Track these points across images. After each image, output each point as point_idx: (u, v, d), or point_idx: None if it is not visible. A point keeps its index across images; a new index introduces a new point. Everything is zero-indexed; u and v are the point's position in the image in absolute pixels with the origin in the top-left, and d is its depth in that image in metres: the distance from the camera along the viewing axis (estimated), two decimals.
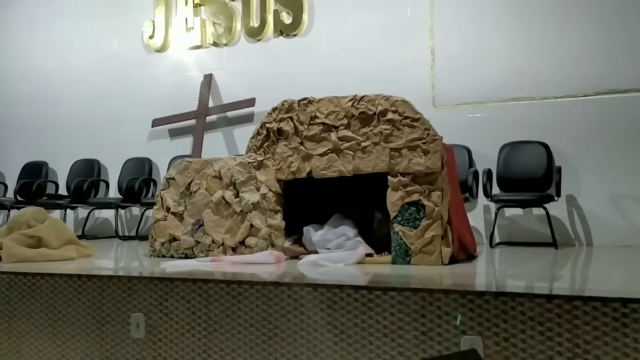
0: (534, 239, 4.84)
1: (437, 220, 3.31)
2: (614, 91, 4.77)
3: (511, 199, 4.75)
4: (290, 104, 3.79)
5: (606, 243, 4.70)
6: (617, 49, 4.78)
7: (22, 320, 2.99)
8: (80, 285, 2.90)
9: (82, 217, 6.50)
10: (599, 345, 2.04)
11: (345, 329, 2.40)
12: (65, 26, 6.90)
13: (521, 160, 4.90)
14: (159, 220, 4.04)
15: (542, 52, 5.00)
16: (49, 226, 3.82)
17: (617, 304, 2.03)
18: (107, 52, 6.69)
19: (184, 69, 6.40)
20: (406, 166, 3.40)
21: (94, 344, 2.83)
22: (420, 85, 5.31)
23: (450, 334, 2.23)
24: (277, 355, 2.50)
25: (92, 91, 6.71)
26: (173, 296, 2.71)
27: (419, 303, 2.29)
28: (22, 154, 6.87)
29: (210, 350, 2.62)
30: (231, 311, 2.60)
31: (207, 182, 3.92)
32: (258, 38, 6.09)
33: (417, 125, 3.41)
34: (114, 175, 6.44)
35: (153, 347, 2.72)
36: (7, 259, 3.51)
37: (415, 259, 3.32)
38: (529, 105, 5.03)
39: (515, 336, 2.15)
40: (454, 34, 5.31)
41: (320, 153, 3.66)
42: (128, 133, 6.51)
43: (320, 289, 2.46)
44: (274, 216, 3.70)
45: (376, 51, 5.53)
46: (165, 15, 6.47)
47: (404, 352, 2.30)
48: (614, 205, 4.73)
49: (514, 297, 2.16)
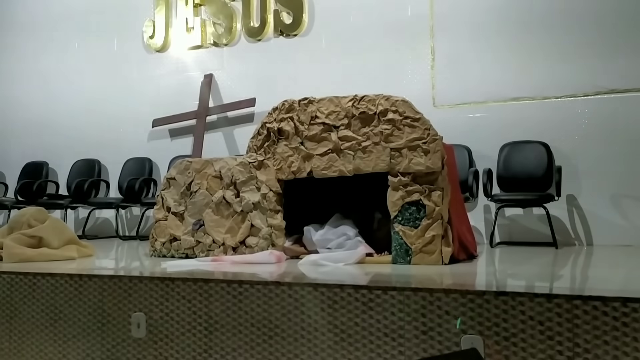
0: (534, 238, 4.84)
1: (437, 220, 3.32)
2: (614, 91, 4.78)
3: (511, 199, 4.75)
4: (290, 104, 3.79)
5: (606, 243, 4.70)
6: (616, 48, 4.79)
7: (23, 320, 2.99)
8: (81, 285, 2.90)
9: (83, 217, 6.51)
10: (599, 345, 2.05)
11: (346, 328, 2.41)
12: (65, 26, 6.90)
13: (521, 160, 4.90)
14: (160, 220, 4.05)
15: (542, 52, 5.00)
16: (50, 226, 3.83)
17: (617, 303, 2.04)
18: (108, 52, 6.70)
19: (184, 69, 6.40)
20: (406, 166, 3.40)
21: (95, 343, 2.83)
22: (420, 85, 5.32)
23: (450, 334, 2.24)
24: (278, 354, 2.51)
25: (93, 91, 6.72)
26: (174, 296, 2.72)
27: (419, 302, 2.30)
28: (23, 153, 6.88)
29: (211, 349, 2.63)
30: (232, 311, 2.60)
31: (208, 182, 3.93)
32: (258, 38, 6.10)
33: (418, 125, 3.42)
34: (114, 175, 6.45)
35: (154, 347, 2.73)
36: (8, 259, 3.51)
37: (416, 258, 3.33)
38: (529, 105, 5.03)
39: (515, 335, 2.15)
40: (454, 33, 5.31)
41: (320, 153, 3.66)
42: (128, 133, 6.52)
43: (320, 288, 2.47)
44: (275, 216, 3.70)
45: (376, 51, 5.53)
46: (166, 16, 6.47)
47: (404, 352, 2.31)
48: (614, 205, 4.73)
49: (515, 297, 2.17)
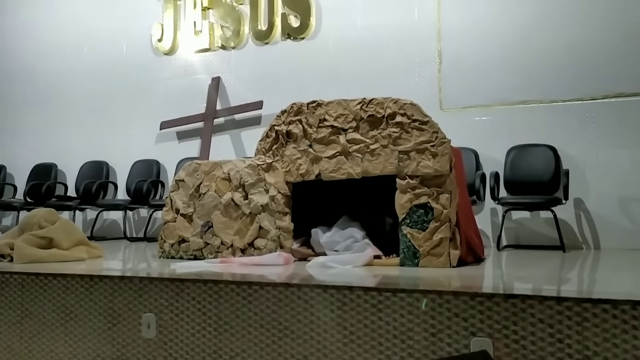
0: (541, 242, 4.84)
1: (445, 223, 3.33)
2: (622, 94, 4.77)
3: (518, 202, 4.75)
4: (299, 106, 3.81)
5: (614, 246, 4.69)
6: (625, 51, 4.79)
7: (35, 320, 3.02)
8: (91, 285, 2.92)
9: (91, 218, 6.55)
10: (608, 348, 2.05)
11: (355, 330, 2.42)
12: (74, 29, 6.95)
13: (529, 163, 4.90)
14: (169, 222, 4.07)
15: (549, 55, 5.00)
16: (60, 227, 3.86)
17: (627, 306, 2.04)
18: (116, 55, 6.74)
19: (192, 71, 6.43)
20: (415, 169, 3.41)
21: (106, 343, 2.86)
22: (427, 88, 5.33)
23: (460, 336, 2.25)
24: (287, 355, 2.52)
25: (101, 93, 6.76)
26: (184, 297, 2.73)
27: (428, 304, 2.31)
28: (32, 155, 6.92)
29: (220, 350, 2.65)
30: (241, 312, 2.62)
31: (217, 184, 3.95)
32: (266, 41, 6.12)
33: (426, 128, 3.43)
34: (122, 177, 6.48)
35: (164, 348, 2.75)
36: (19, 260, 3.54)
37: (424, 261, 3.34)
38: (536, 108, 5.03)
39: (525, 338, 2.16)
40: (461, 36, 5.33)
41: (329, 155, 3.68)
42: (136, 135, 6.56)
43: (330, 290, 2.48)
44: (283, 218, 3.72)
45: (383, 54, 5.55)
46: (174, 19, 6.51)
47: (413, 354, 2.32)
48: (621, 208, 4.72)
49: (524, 299, 2.17)
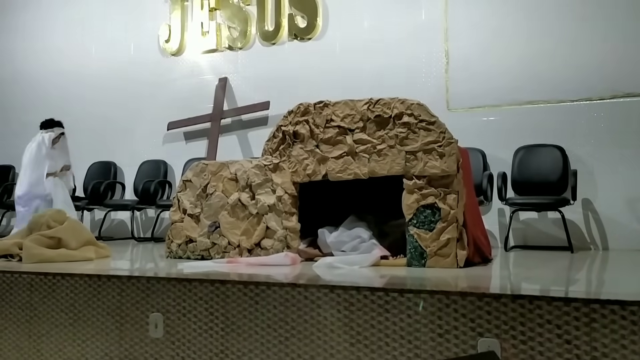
0: (549, 242, 4.82)
1: (452, 223, 3.32)
2: (630, 94, 4.74)
3: (526, 203, 4.74)
4: (306, 107, 3.81)
5: (622, 247, 4.66)
6: (633, 52, 4.76)
7: (43, 319, 3.04)
8: (100, 285, 2.94)
9: (99, 218, 6.58)
10: (617, 349, 2.04)
11: (362, 330, 2.42)
12: (82, 31, 6.99)
13: (536, 163, 4.88)
14: (176, 222, 4.08)
15: (557, 55, 4.98)
16: (68, 227, 3.89)
17: (635, 307, 2.03)
18: (124, 56, 6.77)
19: (199, 72, 6.45)
20: (422, 169, 3.41)
21: (113, 343, 2.87)
22: (434, 88, 5.32)
23: (467, 336, 2.24)
24: (294, 355, 2.52)
25: (109, 94, 6.79)
26: (191, 297, 2.74)
27: (435, 305, 2.30)
28: None
29: (227, 350, 2.65)
30: (248, 312, 2.63)
31: (224, 184, 3.96)
32: (273, 42, 6.13)
33: (433, 128, 3.43)
34: (129, 178, 6.51)
35: (171, 347, 2.75)
36: (27, 260, 3.56)
37: (431, 261, 3.33)
38: (544, 108, 5.01)
39: (532, 339, 2.15)
40: (468, 37, 5.31)
41: (335, 156, 3.68)
42: (144, 136, 6.58)
43: (337, 290, 2.48)
44: (290, 218, 3.72)
45: (390, 55, 5.54)
46: (181, 20, 6.53)
47: (420, 354, 2.31)
48: (630, 209, 4.69)
49: (532, 300, 2.17)
